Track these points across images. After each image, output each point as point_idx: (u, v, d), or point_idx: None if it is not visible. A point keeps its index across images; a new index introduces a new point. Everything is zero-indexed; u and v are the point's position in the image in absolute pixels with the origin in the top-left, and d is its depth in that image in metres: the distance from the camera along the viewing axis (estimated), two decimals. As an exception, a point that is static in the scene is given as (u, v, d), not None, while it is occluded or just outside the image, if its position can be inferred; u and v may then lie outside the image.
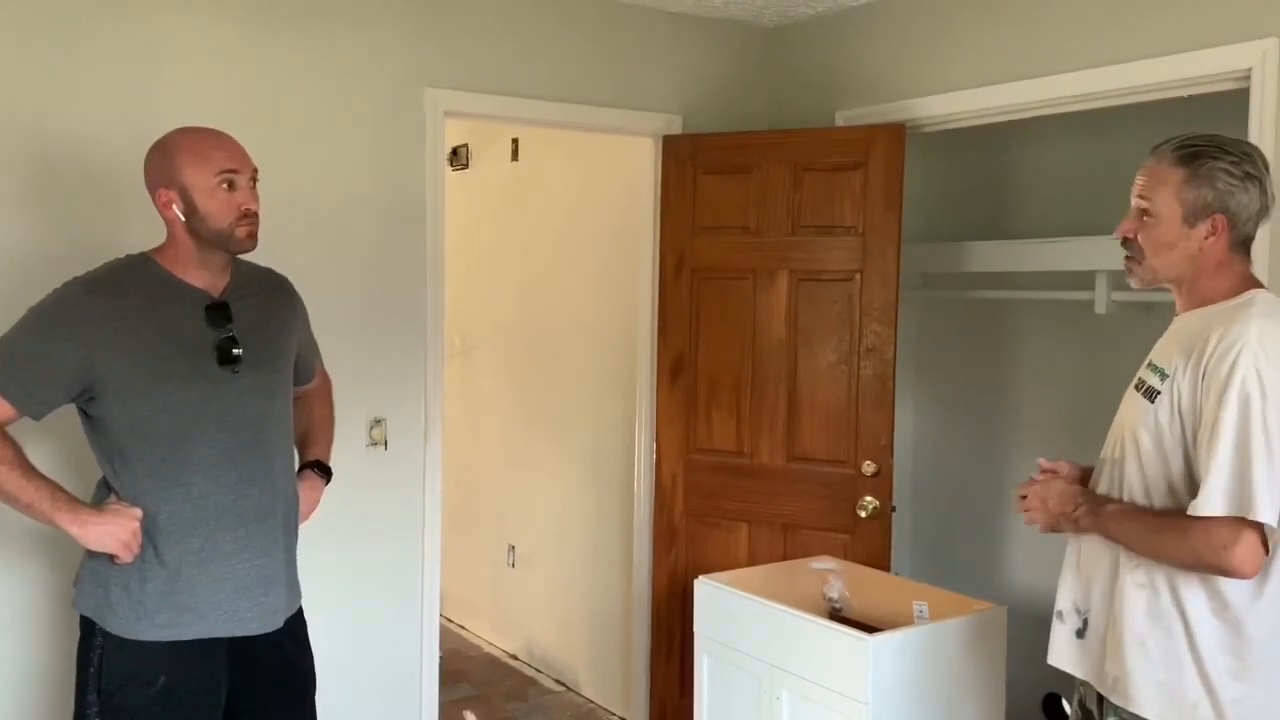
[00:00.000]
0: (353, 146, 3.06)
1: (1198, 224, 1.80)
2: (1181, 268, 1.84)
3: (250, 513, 2.09)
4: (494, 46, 3.27)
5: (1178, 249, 1.83)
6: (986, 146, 3.72)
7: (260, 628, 2.12)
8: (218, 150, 2.05)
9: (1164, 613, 1.79)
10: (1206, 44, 2.59)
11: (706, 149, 3.51)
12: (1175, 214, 1.81)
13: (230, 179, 2.04)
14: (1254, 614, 1.75)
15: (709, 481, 3.54)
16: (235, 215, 2.04)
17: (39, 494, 1.96)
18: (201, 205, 2.02)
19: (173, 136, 2.08)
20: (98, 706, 2.02)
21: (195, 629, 2.04)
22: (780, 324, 3.40)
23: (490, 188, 4.90)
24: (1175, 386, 1.78)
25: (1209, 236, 1.80)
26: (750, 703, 2.73)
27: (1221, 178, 1.78)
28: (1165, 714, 1.78)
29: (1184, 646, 1.77)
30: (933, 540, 3.98)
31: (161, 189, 2.04)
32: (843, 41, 3.57)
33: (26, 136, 2.61)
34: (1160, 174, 1.83)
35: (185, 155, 2.03)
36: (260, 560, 2.11)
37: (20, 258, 2.56)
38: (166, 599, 2.02)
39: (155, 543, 2.02)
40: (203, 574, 2.04)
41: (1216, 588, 1.76)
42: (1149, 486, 1.84)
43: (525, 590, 4.71)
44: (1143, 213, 1.85)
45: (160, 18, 2.76)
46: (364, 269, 3.10)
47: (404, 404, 3.18)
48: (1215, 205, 1.79)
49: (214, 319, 2.07)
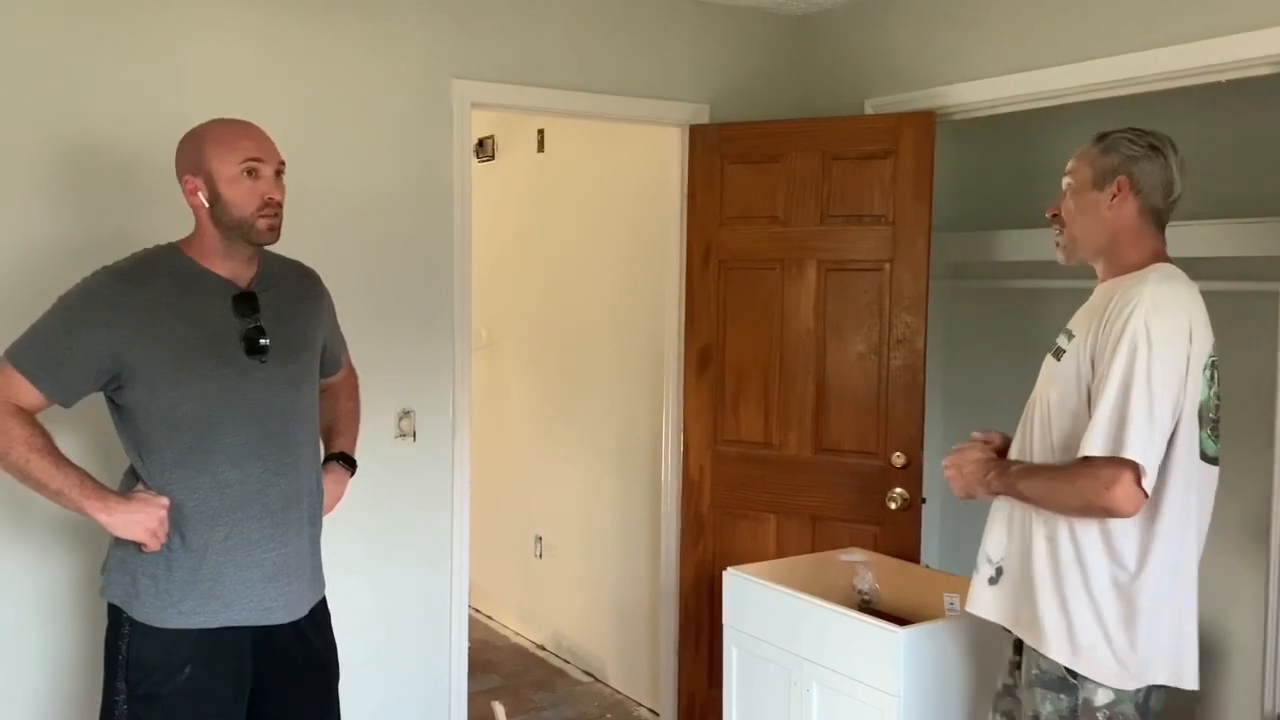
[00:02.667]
0: (380, 138, 3.06)
1: (1105, 186, 2.04)
2: (1096, 234, 2.06)
3: (276, 502, 2.10)
4: (520, 37, 3.26)
5: (1089, 214, 2.06)
6: (1018, 133, 3.68)
7: (285, 616, 2.13)
8: (244, 139, 2.07)
9: (1065, 563, 1.98)
10: (1243, 28, 2.54)
11: (734, 138, 3.49)
12: (1087, 180, 2.07)
13: (254, 167, 2.05)
14: (1144, 572, 1.93)
15: (737, 473, 3.52)
16: (257, 204, 2.05)
17: (68, 481, 1.97)
18: (224, 193, 2.04)
19: (203, 125, 2.10)
20: (126, 694, 2.04)
21: (221, 617, 2.05)
22: (809, 314, 3.38)
23: (516, 179, 4.89)
24: (1080, 346, 1.99)
25: (1115, 197, 2.03)
26: (780, 695, 2.72)
27: (1124, 145, 2.04)
28: (1067, 655, 1.97)
29: (1082, 594, 1.96)
30: (963, 532, 3.95)
31: (188, 175, 2.06)
32: (871, 29, 3.53)
33: (54, 127, 2.62)
34: (1081, 154, 2.10)
35: (212, 143, 2.05)
36: (286, 549, 2.12)
37: (49, 248, 2.58)
38: (193, 587, 2.03)
39: (182, 531, 2.03)
40: (229, 562, 2.05)
41: (1111, 543, 1.94)
42: (1053, 441, 2.03)
43: (553, 581, 4.72)
44: (1065, 190, 2.11)
45: (187, 8, 2.77)
46: (392, 261, 3.10)
47: (432, 396, 3.19)
48: (1120, 169, 2.03)
49: (241, 309, 2.08)
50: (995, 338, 3.86)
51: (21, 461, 1.97)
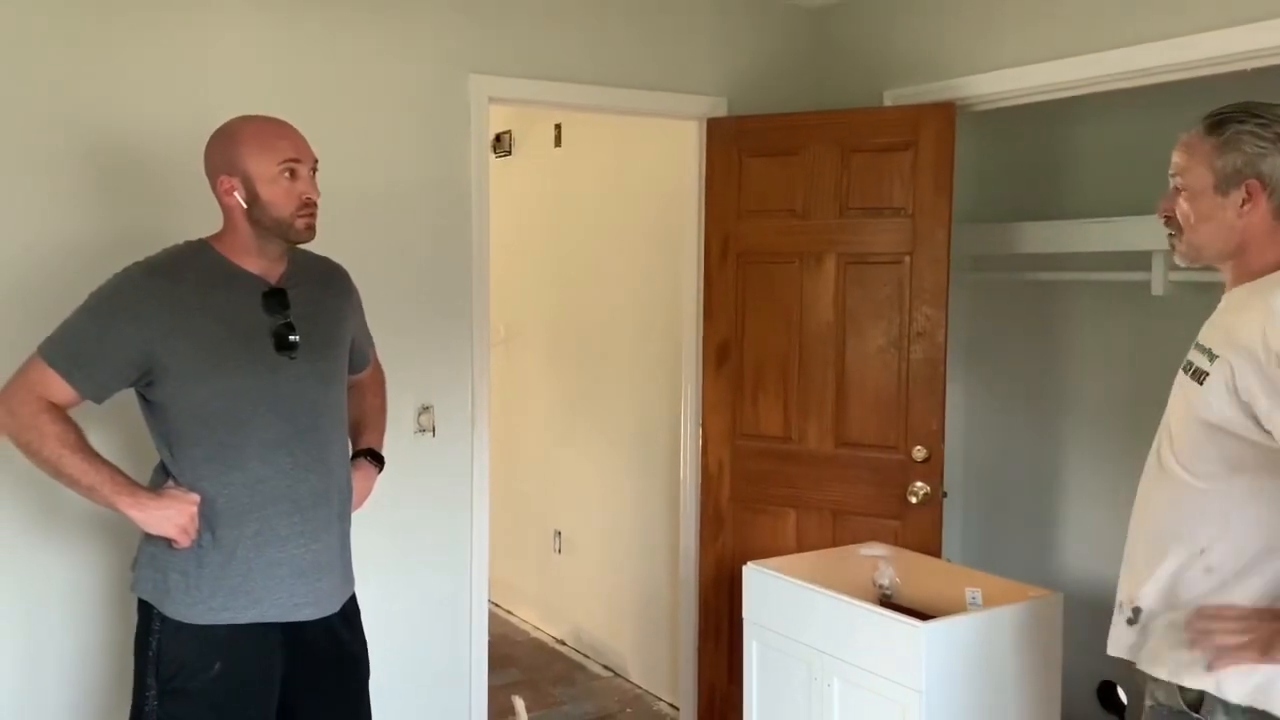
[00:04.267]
0: (398, 134, 3.06)
1: (1231, 192, 1.75)
2: (1222, 241, 1.78)
3: (306, 498, 2.11)
4: (537, 31, 3.25)
5: (1214, 221, 1.77)
6: (1038, 124, 3.65)
7: (315, 613, 2.13)
8: (282, 139, 2.07)
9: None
10: (1268, 16, 2.51)
11: (752, 131, 3.47)
12: (1208, 184, 1.77)
13: (293, 168, 2.06)
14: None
15: (756, 467, 3.51)
16: (297, 204, 2.06)
17: (100, 477, 1.98)
18: (264, 193, 2.04)
19: (236, 124, 2.10)
20: (156, 690, 2.05)
21: (251, 613, 2.06)
22: (828, 308, 3.36)
23: (534, 174, 4.89)
24: (1227, 365, 1.71)
25: (1245, 204, 1.75)
26: (801, 690, 2.71)
27: (1248, 141, 1.73)
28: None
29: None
30: (985, 526, 3.93)
31: (223, 175, 2.06)
32: (890, 20, 3.51)
33: (78, 127, 2.63)
34: (1191, 147, 1.80)
35: (249, 143, 2.05)
36: (316, 545, 2.12)
37: (75, 248, 2.59)
38: (222, 583, 2.04)
39: (213, 527, 2.04)
40: (259, 558, 2.06)
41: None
42: (1209, 466, 1.76)
43: (572, 576, 4.72)
44: (1178, 189, 1.82)
45: (207, 7, 2.77)
46: (410, 257, 3.10)
47: (451, 391, 3.19)
48: (1246, 170, 1.74)
49: (271, 305, 2.09)
50: (1017, 330, 3.84)
51: (54, 458, 1.97)
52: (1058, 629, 2.62)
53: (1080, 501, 3.66)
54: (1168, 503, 1.82)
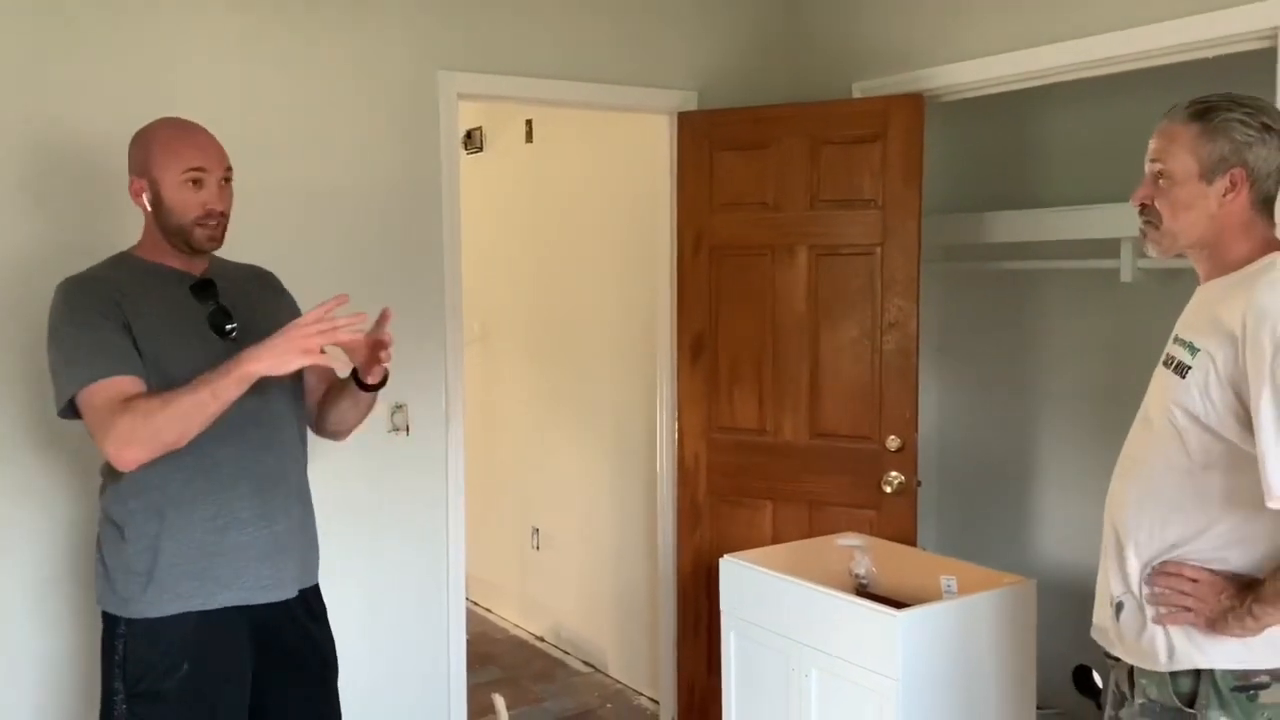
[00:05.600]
0: (366, 132, 3.05)
1: (1216, 180, 1.74)
2: (1201, 229, 1.77)
3: (264, 479, 2.10)
4: (506, 27, 3.24)
5: (1196, 209, 1.76)
6: (1007, 114, 3.67)
7: (279, 595, 2.12)
8: (190, 147, 2.07)
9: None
10: (1230, 3, 2.54)
11: (723, 125, 3.48)
12: (1192, 171, 1.75)
13: (198, 177, 2.06)
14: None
15: (732, 460, 3.52)
16: (198, 213, 2.06)
17: (208, 385, 1.90)
18: (167, 198, 2.06)
19: (151, 127, 2.11)
20: (124, 694, 2.03)
21: (217, 599, 2.04)
22: (801, 300, 3.37)
23: (505, 170, 4.88)
24: (1209, 359, 1.71)
25: (1228, 193, 1.74)
26: (779, 681, 2.72)
27: (1238, 129, 1.72)
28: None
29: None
30: (960, 515, 3.96)
31: (134, 177, 2.09)
32: (858, 11, 3.52)
33: (33, 133, 2.59)
34: (1173, 133, 1.77)
35: (157, 147, 2.07)
36: (277, 527, 2.12)
37: (23, 258, 2.56)
38: (184, 568, 2.02)
39: (163, 513, 2.02)
40: (221, 542, 2.05)
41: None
42: (1191, 460, 1.75)
43: (551, 572, 4.72)
44: (1158, 175, 1.79)
45: (168, 8, 2.74)
46: (381, 255, 3.09)
47: (425, 389, 3.18)
48: (1233, 158, 1.73)
49: (200, 295, 2.10)
50: (989, 319, 3.86)
51: (170, 415, 1.90)
52: (1032, 615, 2.64)
53: (1053, 488, 3.69)
54: (1142, 496, 1.82)
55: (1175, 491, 1.78)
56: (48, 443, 2.58)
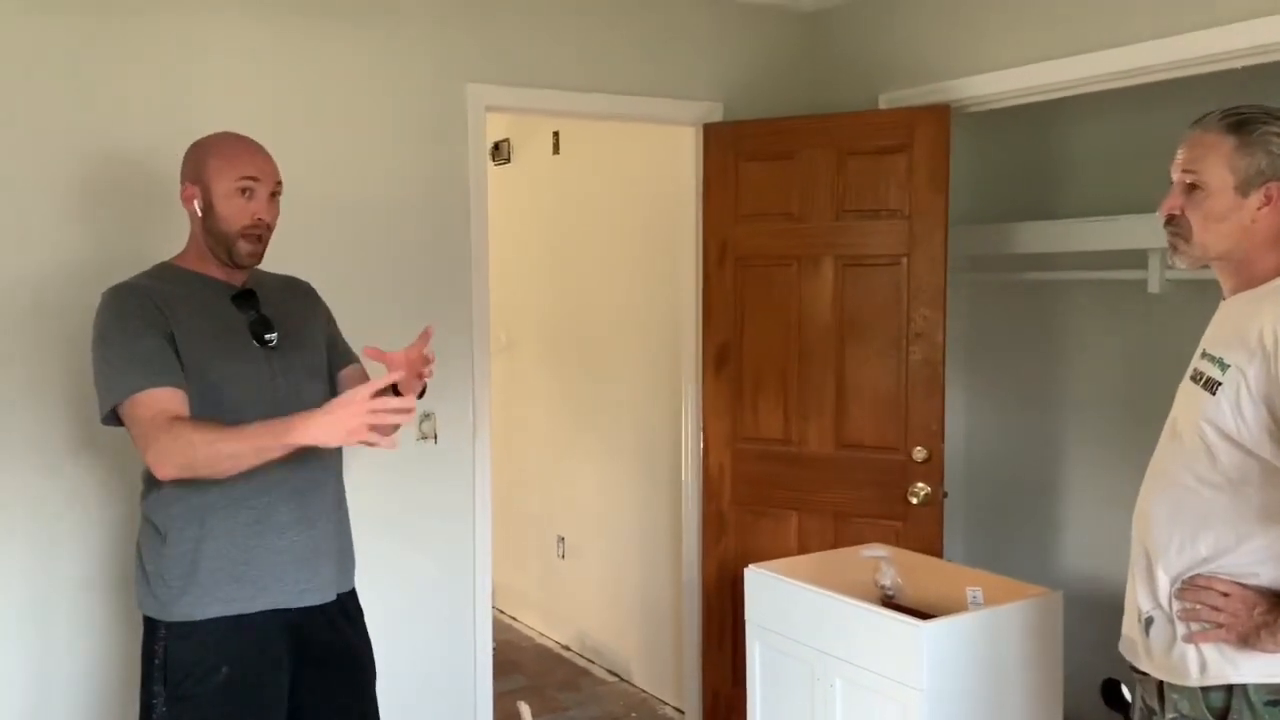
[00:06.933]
0: (396, 145, 3.08)
1: (1251, 194, 1.72)
2: (1231, 242, 1.76)
3: (303, 484, 2.13)
4: (534, 39, 3.27)
5: (1229, 221, 1.74)
6: (1033, 125, 3.66)
7: (318, 599, 2.15)
8: (244, 156, 2.13)
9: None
10: (1259, 13, 2.53)
11: (748, 136, 3.49)
12: (1227, 184, 1.73)
13: (249, 186, 2.11)
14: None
15: (757, 470, 3.52)
16: (246, 222, 2.10)
17: (258, 437, 1.92)
18: (218, 206, 2.10)
19: (210, 136, 2.18)
20: (164, 697, 2.05)
21: (257, 602, 2.07)
22: (826, 310, 3.38)
23: (532, 182, 4.91)
24: (1240, 375, 1.70)
25: (1262, 207, 1.72)
26: (804, 691, 2.72)
27: (1276, 143, 1.71)
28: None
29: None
30: (986, 526, 3.94)
31: (187, 183, 2.14)
32: (884, 23, 3.53)
33: (76, 144, 2.65)
34: (1208, 143, 1.75)
35: (214, 155, 2.12)
36: (314, 531, 2.15)
37: (67, 267, 2.61)
38: (224, 572, 2.05)
39: (203, 518, 2.05)
40: (260, 546, 2.08)
41: None
42: (1225, 475, 1.74)
43: (575, 581, 4.73)
44: (1190, 186, 1.77)
45: (198, 23, 2.79)
46: (410, 267, 3.12)
47: (453, 398, 3.20)
48: (1269, 172, 1.71)
49: (242, 305, 2.15)
50: (1016, 330, 3.85)
51: (216, 453, 1.92)
52: (1059, 627, 2.62)
53: (1080, 499, 3.67)
54: (1172, 510, 1.81)
55: (1206, 506, 1.76)
56: (88, 445, 2.62)
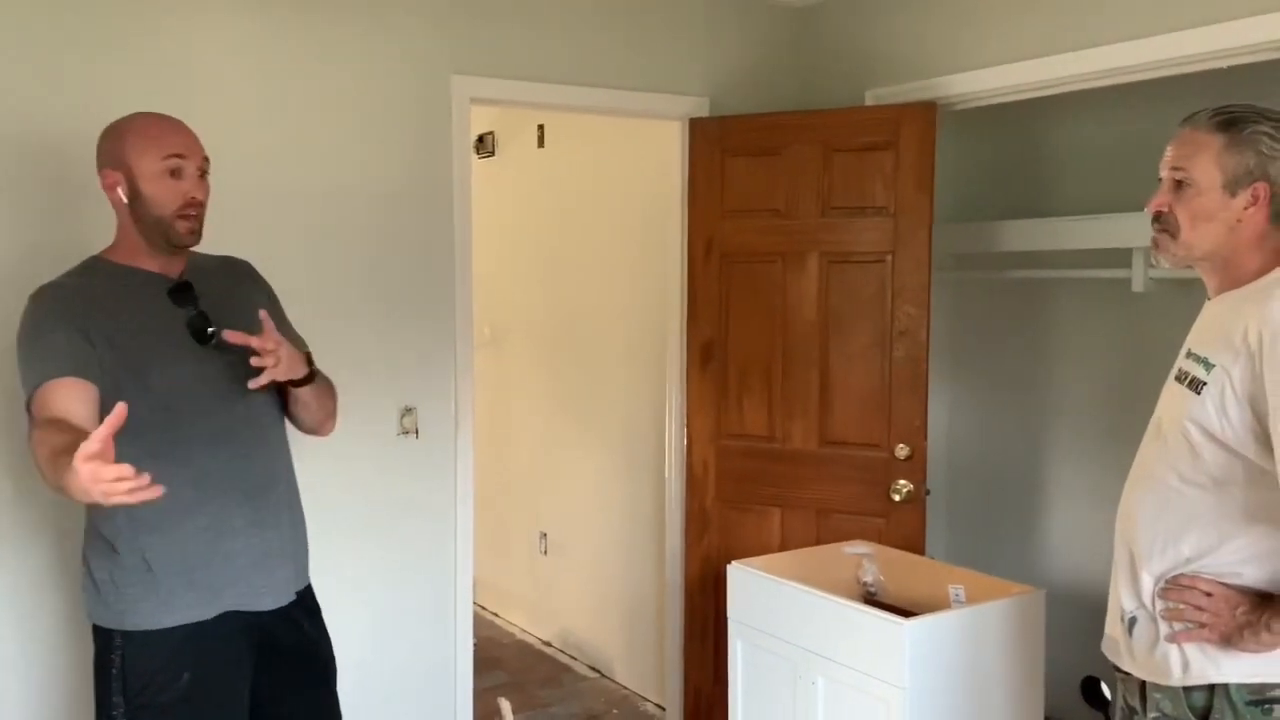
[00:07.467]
0: (380, 136, 3.05)
1: (1238, 193, 1.72)
2: (1217, 241, 1.76)
3: (255, 486, 2.08)
4: (520, 32, 3.25)
5: (1217, 220, 1.74)
6: (1019, 123, 3.67)
7: (274, 602, 2.11)
8: (168, 134, 2.01)
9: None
10: (1246, 13, 2.53)
11: (735, 131, 3.48)
12: (1215, 182, 1.73)
13: (177, 165, 1.99)
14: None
15: (741, 467, 3.52)
16: (179, 204, 2.00)
17: (56, 469, 1.73)
18: (146, 190, 1.98)
19: (126, 118, 2.05)
20: (125, 707, 1.99)
21: (214, 607, 2.02)
22: (811, 307, 3.37)
23: (517, 175, 4.89)
24: (1225, 374, 1.69)
25: (1249, 206, 1.72)
26: (785, 688, 2.71)
27: (1265, 142, 1.71)
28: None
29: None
30: (969, 523, 3.95)
31: (107, 169, 2.01)
32: (871, 19, 3.52)
33: (47, 130, 2.59)
34: (1197, 142, 1.75)
35: (133, 137, 2.00)
36: (268, 534, 2.09)
37: (38, 263, 2.54)
38: (182, 579, 1.99)
39: (162, 525, 1.97)
40: (215, 552, 2.02)
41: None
42: (1210, 473, 1.74)
43: (558, 578, 4.72)
44: (1178, 183, 1.77)
45: (181, 16, 2.75)
46: (393, 259, 3.09)
47: (435, 393, 3.18)
48: (1257, 172, 1.71)
49: (179, 299, 2.03)
50: (999, 328, 3.86)
51: (37, 460, 1.82)
52: (1040, 625, 2.63)
53: (1063, 497, 3.68)
54: (1156, 509, 1.81)
55: (1190, 505, 1.76)
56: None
